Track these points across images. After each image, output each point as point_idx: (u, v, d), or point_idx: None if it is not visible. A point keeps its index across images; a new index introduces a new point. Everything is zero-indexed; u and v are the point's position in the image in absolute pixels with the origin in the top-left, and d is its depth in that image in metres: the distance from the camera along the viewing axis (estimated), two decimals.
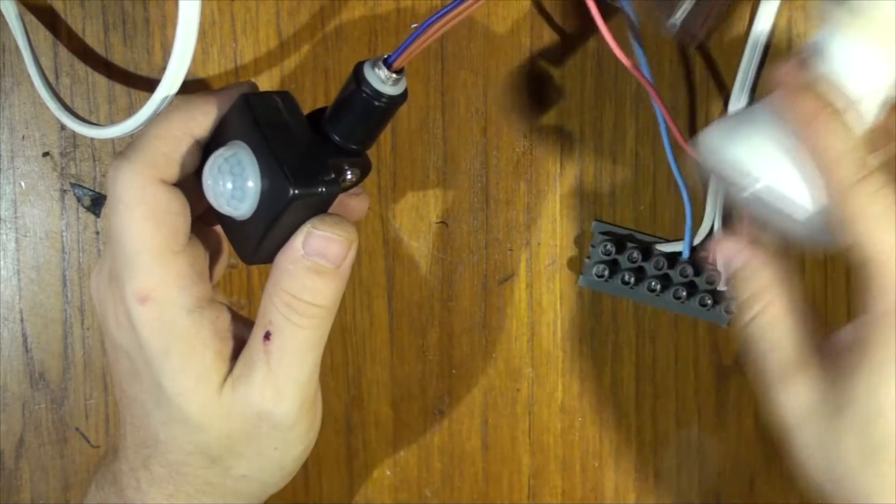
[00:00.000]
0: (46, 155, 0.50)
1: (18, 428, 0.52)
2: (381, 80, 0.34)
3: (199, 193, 0.36)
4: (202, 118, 0.37)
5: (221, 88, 0.38)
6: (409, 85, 0.36)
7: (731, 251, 0.40)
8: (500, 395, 0.52)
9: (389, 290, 0.52)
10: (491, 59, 0.50)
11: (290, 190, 0.34)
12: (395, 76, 0.34)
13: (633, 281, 0.50)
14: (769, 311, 0.39)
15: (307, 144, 0.35)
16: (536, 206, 0.51)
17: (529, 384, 0.52)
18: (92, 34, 0.50)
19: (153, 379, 0.37)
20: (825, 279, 0.51)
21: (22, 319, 0.51)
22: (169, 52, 0.42)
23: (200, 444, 0.37)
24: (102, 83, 0.50)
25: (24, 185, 0.51)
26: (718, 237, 0.42)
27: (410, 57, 0.34)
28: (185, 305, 0.36)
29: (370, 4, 0.50)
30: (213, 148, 0.36)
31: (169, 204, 0.36)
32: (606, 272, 0.50)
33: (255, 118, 0.35)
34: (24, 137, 0.50)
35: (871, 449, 0.35)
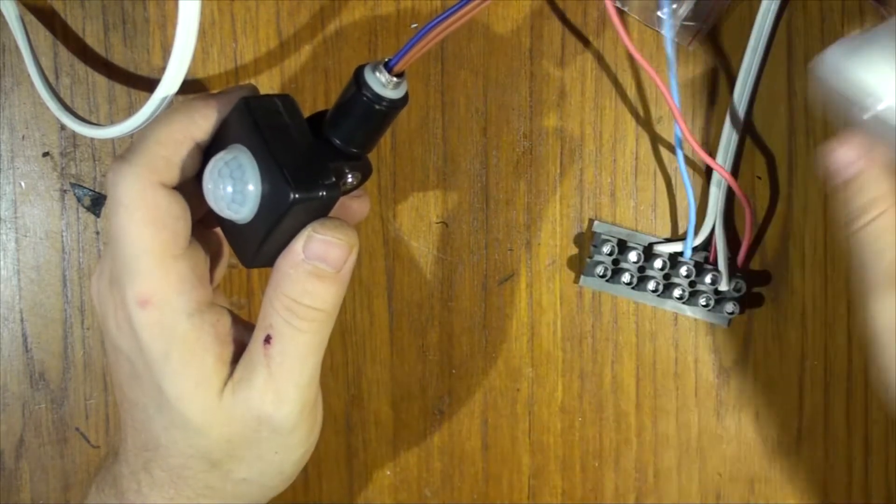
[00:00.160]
0: (46, 155, 0.50)
1: (18, 428, 0.52)
2: (381, 83, 0.34)
3: (199, 197, 0.36)
4: (203, 121, 0.36)
5: (221, 91, 0.37)
6: (409, 85, 0.36)
7: (846, 158, 0.40)
8: (500, 395, 0.52)
9: (389, 290, 0.52)
10: (491, 59, 0.50)
11: (290, 194, 0.33)
12: (395, 80, 0.34)
13: (635, 281, 0.50)
14: (883, 219, 0.39)
15: (308, 148, 0.35)
16: (536, 206, 0.51)
17: (529, 384, 0.52)
18: (92, 34, 0.50)
19: (154, 383, 0.37)
20: (825, 279, 0.51)
21: (22, 319, 0.51)
22: (169, 52, 0.42)
23: (201, 447, 0.37)
24: (102, 83, 0.50)
25: (24, 185, 0.50)
26: (835, 142, 0.41)
27: (411, 61, 0.34)
28: (185, 309, 0.36)
29: (370, 4, 0.49)
30: (213, 151, 0.36)
31: (169, 208, 0.36)
32: (608, 272, 0.50)
33: (255, 121, 0.35)
34: (24, 137, 0.50)
35: None
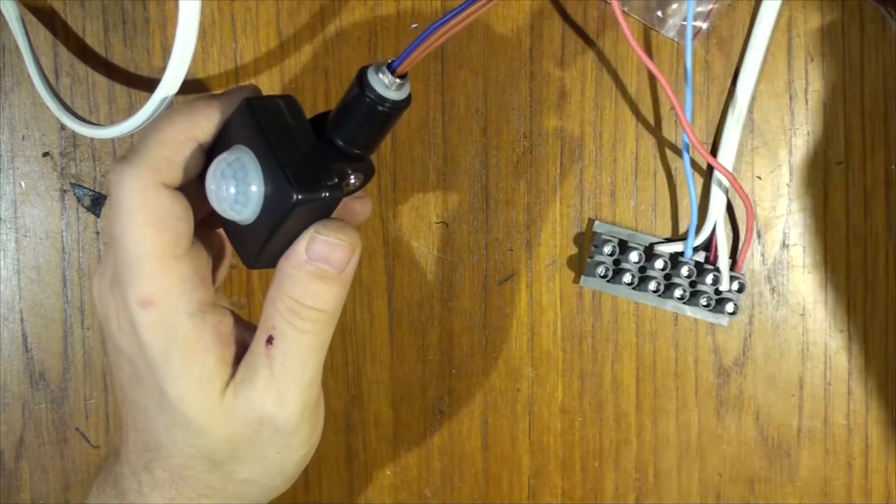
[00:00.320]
0: (46, 155, 0.50)
1: (18, 428, 0.52)
2: (385, 85, 0.34)
3: (201, 197, 0.36)
4: (205, 122, 0.36)
5: (224, 92, 0.37)
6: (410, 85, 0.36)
7: None
8: (500, 395, 0.52)
9: (389, 290, 0.52)
10: (491, 59, 0.50)
11: (293, 195, 0.33)
12: (399, 81, 0.34)
13: (636, 281, 0.50)
14: None
15: (310, 149, 0.35)
16: (536, 206, 0.51)
17: (529, 384, 0.52)
18: (92, 34, 0.50)
19: (155, 383, 0.37)
20: (825, 279, 0.51)
21: (22, 319, 0.51)
22: (169, 52, 0.42)
23: (202, 448, 0.37)
24: (102, 83, 0.50)
25: (24, 185, 0.50)
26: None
27: (415, 62, 0.34)
28: (187, 310, 0.36)
29: (370, 4, 0.49)
30: (216, 152, 0.36)
31: (171, 208, 0.36)
32: (609, 272, 0.50)
33: (258, 122, 0.35)
34: (24, 137, 0.50)
35: None
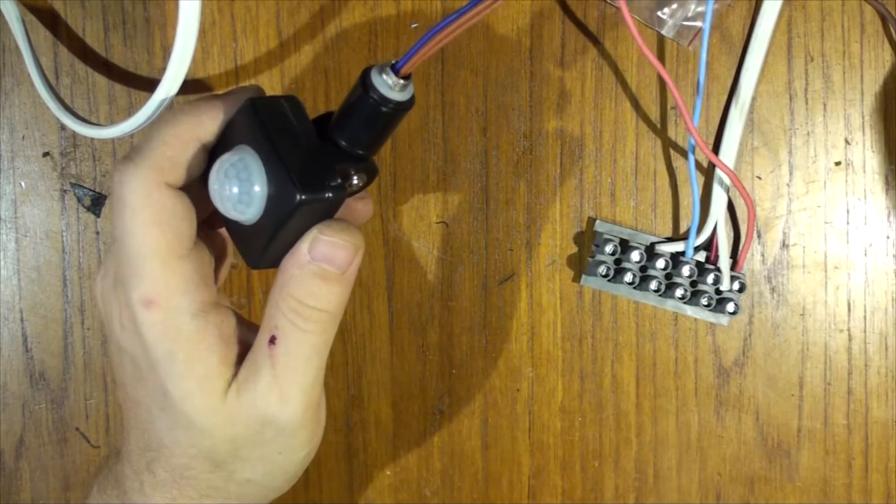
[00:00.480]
0: (46, 155, 0.50)
1: (18, 428, 0.52)
2: (388, 85, 0.34)
3: (204, 197, 0.36)
4: (209, 122, 0.36)
5: (227, 92, 0.37)
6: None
7: None
8: (500, 395, 0.52)
9: (389, 290, 0.52)
10: (491, 59, 0.50)
11: (296, 195, 0.33)
12: (402, 82, 0.34)
13: (637, 281, 0.50)
14: None
15: (314, 149, 0.35)
16: (536, 206, 0.51)
17: (529, 384, 0.52)
18: (92, 34, 0.49)
19: (158, 383, 0.37)
20: (825, 279, 0.51)
21: (22, 319, 0.51)
22: (169, 52, 0.42)
23: (204, 448, 0.37)
24: (102, 83, 0.50)
25: (24, 185, 0.50)
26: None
27: (418, 63, 0.34)
28: (189, 309, 0.36)
29: (370, 4, 0.49)
30: (219, 152, 0.36)
31: (174, 208, 0.36)
32: (610, 272, 0.50)
33: (261, 122, 0.35)
34: (24, 137, 0.50)
35: None
